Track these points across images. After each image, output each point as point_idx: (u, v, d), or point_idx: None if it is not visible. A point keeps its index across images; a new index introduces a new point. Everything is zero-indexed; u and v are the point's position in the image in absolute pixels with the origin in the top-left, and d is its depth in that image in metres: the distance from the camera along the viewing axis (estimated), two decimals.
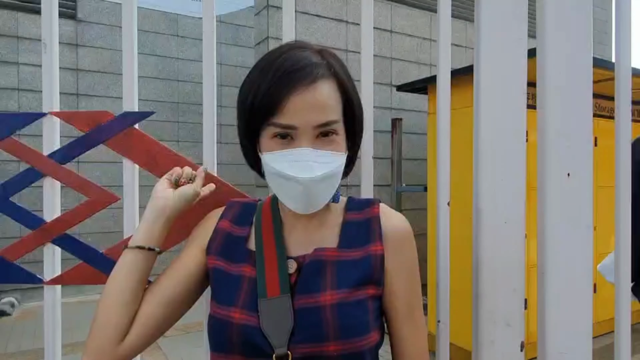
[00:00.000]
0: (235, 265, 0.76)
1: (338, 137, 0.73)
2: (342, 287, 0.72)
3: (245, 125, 0.74)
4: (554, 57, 0.99)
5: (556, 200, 0.98)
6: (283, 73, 0.69)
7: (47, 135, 0.98)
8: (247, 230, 0.80)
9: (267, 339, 0.69)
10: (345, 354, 0.69)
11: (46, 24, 0.98)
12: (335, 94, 0.73)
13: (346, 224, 0.79)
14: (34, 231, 0.98)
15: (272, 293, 0.71)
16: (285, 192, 0.73)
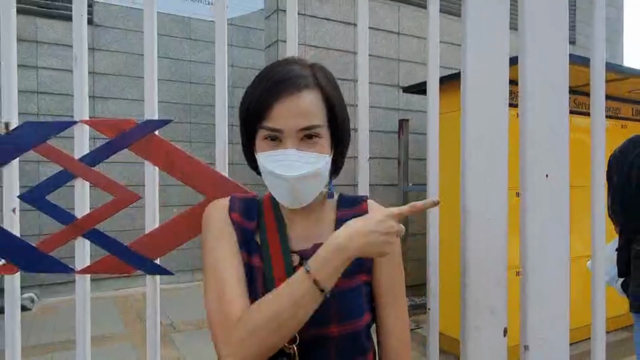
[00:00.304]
0: (249, 257, 0.85)
1: (321, 139, 0.82)
2: (342, 276, 0.80)
3: (244, 128, 0.85)
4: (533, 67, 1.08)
5: (536, 199, 1.07)
6: (272, 83, 0.80)
7: (77, 140, 1.10)
8: (254, 223, 0.88)
9: None
10: (345, 334, 0.80)
11: (77, 39, 1.10)
12: (319, 102, 0.82)
13: (339, 220, 0.89)
14: (66, 226, 1.10)
15: (280, 282, 0.79)
16: (276, 188, 0.83)
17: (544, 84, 1.08)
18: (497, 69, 1.08)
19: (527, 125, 1.08)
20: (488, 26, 1.08)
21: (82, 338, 1.12)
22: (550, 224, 1.08)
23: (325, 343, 0.81)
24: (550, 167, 1.07)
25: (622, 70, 3.96)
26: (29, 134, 1.09)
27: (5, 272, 1.09)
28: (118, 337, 4.32)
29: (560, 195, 1.07)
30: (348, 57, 4.97)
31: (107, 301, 5.53)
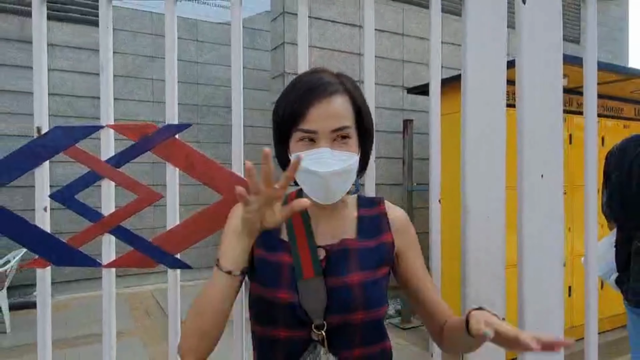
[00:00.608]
0: (273, 254, 0.91)
1: (351, 140, 0.90)
2: (365, 269, 0.90)
3: (279, 133, 0.93)
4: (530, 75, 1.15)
5: (532, 198, 1.15)
6: (305, 90, 0.88)
7: (104, 143, 1.18)
8: None
9: (306, 313, 0.85)
10: (368, 320, 0.88)
11: (103, 49, 1.18)
12: (348, 105, 0.90)
13: (360, 218, 0.97)
14: (94, 223, 1.18)
15: (308, 275, 0.87)
16: (310, 185, 0.89)
17: (540, 87, 1.15)
18: (495, 71, 1.16)
19: (525, 127, 1.15)
20: (487, 27, 1.15)
21: (108, 329, 1.21)
22: (546, 222, 1.15)
23: (351, 329, 0.87)
24: (545, 168, 1.15)
25: (625, 71, 4.02)
26: (59, 137, 1.17)
27: (37, 266, 1.18)
28: (129, 333, 4.42)
29: (555, 195, 1.14)
30: (353, 59, 5.05)
31: (118, 298, 5.60)
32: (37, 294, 1.19)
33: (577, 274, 3.94)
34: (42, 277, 1.19)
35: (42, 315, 1.19)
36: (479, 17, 1.16)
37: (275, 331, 0.87)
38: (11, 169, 1.17)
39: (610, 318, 4.27)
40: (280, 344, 0.87)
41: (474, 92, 1.16)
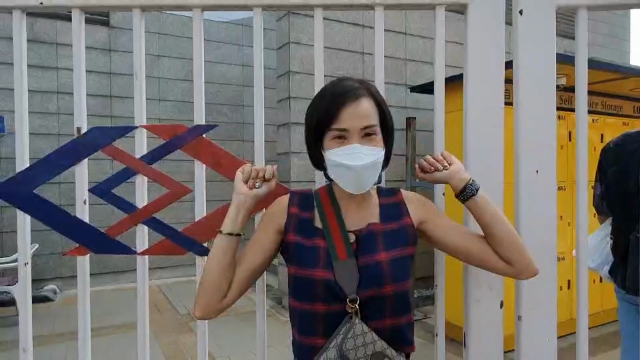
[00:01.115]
0: (309, 240, 1.05)
1: (377, 137, 1.04)
2: (390, 248, 1.03)
3: (313, 134, 1.06)
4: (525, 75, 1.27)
5: (527, 193, 1.26)
6: (337, 95, 1.02)
7: (138, 142, 1.30)
8: (311, 213, 1.10)
9: (341, 289, 0.98)
10: (397, 292, 1.01)
11: (137, 58, 1.29)
12: (373, 107, 1.04)
13: (382, 206, 1.12)
14: (129, 215, 1.30)
15: (342, 256, 1.01)
16: (343, 177, 1.04)
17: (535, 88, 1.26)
18: (494, 72, 1.27)
19: (520, 125, 1.26)
20: (487, 33, 1.26)
21: (142, 315, 1.32)
22: (540, 215, 1.26)
23: (382, 300, 1.00)
24: (540, 164, 1.26)
25: (624, 69, 4.12)
26: (97, 137, 1.29)
27: (78, 254, 1.30)
28: None
29: (549, 189, 1.26)
30: (356, 58, 5.15)
31: (126, 293, 5.76)
32: (78, 281, 1.30)
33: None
34: (82, 264, 1.31)
35: (82, 300, 1.31)
36: (479, 24, 1.27)
37: (314, 306, 1.00)
38: (53, 166, 1.29)
39: (611, 311, 4.39)
40: (319, 318, 1.00)
41: (475, 92, 1.28)
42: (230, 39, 6.94)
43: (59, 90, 5.87)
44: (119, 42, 6.22)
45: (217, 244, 1.05)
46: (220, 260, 1.03)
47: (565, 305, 3.96)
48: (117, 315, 4.71)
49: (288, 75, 4.91)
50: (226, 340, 4.10)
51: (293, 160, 4.84)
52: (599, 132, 4.50)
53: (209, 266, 1.04)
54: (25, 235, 1.30)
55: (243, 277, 1.06)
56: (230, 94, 6.89)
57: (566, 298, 3.91)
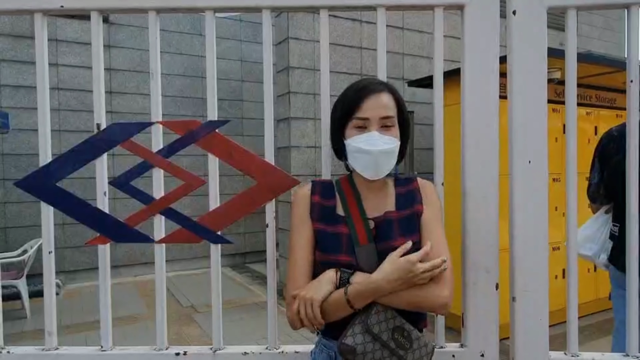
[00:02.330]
0: (332, 227, 1.14)
1: (394, 128, 1.14)
2: (405, 234, 1.13)
3: (338, 124, 1.16)
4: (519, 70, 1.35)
5: (521, 182, 1.35)
6: (360, 88, 1.14)
7: (154, 137, 1.38)
8: (333, 201, 1.19)
9: (363, 271, 1.08)
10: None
11: (153, 59, 1.37)
12: (391, 101, 1.15)
13: (398, 195, 1.21)
14: (147, 206, 1.38)
15: (363, 242, 1.11)
16: (361, 162, 1.13)
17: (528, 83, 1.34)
18: (489, 67, 1.35)
19: (514, 118, 1.35)
20: (482, 32, 1.34)
21: (160, 300, 1.40)
22: (533, 202, 1.35)
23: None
24: (533, 155, 1.34)
25: (617, 63, 4.20)
26: (116, 132, 1.36)
27: (99, 243, 1.38)
28: (142, 317, 4.64)
29: (540, 179, 1.34)
30: (354, 52, 5.22)
31: (128, 286, 5.85)
32: (99, 269, 1.39)
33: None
34: (102, 253, 1.39)
35: (103, 288, 1.39)
36: (475, 23, 1.35)
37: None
38: (75, 161, 1.37)
39: (604, 299, 4.50)
40: None
41: (472, 86, 1.36)
42: (229, 34, 6.98)
43: (60, 87, 5.92)
44: (118, 38, 6.26)
45: (339, 306, 1.07)
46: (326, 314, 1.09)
47: (561, 293, 4.08)
48: (120, 308, 4.80)
49: (287, 70, 4.98)
50: (228, 332, 4.19)
51: (293, 154, 4.92)
52: (592, 125, 4.60)
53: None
54: (49, 226, 1.38)
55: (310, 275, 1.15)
56: (229, 89, 6.95)
57: (562, 287, 4.05)
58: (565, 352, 1.38)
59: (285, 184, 1.38)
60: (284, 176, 1.38)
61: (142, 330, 4.21)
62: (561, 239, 4.01)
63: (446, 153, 1.44)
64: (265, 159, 1.39)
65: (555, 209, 4.12)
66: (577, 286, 1.39)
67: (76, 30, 6.00)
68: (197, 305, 5.00)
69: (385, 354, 1.06)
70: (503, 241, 1.37)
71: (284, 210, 4.99)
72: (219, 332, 1.41)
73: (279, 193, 1.38)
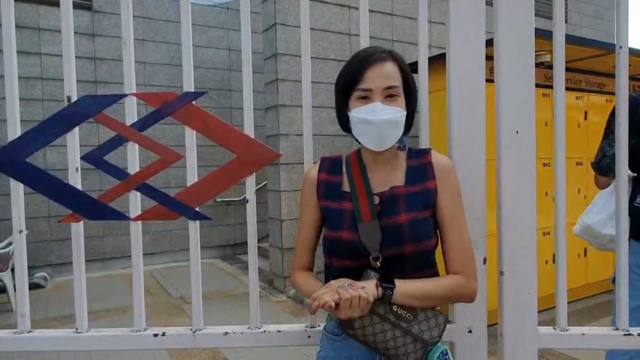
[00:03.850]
0: (337, 203, 1.13)
1: (399, 98, 1.09)
2: (411, 210, 1.08)
3: (341, 96, 1.12)
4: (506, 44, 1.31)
5: (509, 151, 1.31)
6: (363, 57, 1.09)
7: (128, 110, 1.32)
8: (339, 177, 1.17)
9: (365, 248, 1.06)
10: (418, 251, 1.07)
11: (125, 26, 1.31)
12: (396, 70, 1.09)
13: (409, 168, 1.15)
14: (121, 181, 1.32)
15: (366, 218, 1.08)
16: (365, 133, 1.10)
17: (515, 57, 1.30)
18: (475, 49, 1.31)
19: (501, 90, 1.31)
20: (468, 13, 1.30)
21: (137, 280, 1.35)
22: (520, 171, 1.32)
23: (403, 258, 1.07)
24: (519, 125, 1.31)
25: (606, 45, 4.18)
26: (88, 105, 1.30)
27: (72, 221, 1.32)
28: (130, 309, 4.58)
29: (528, 148, 1.31)
30: (343, 39, 5.15)
31: (116, 279, 5.78)
32: (72, 249, 1.33)
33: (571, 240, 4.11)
34: (76, 232, 1.33)
35: (78, 270, 1.34)
36: (461, 5, 1.30)
37: (343, 263, 1.09)
38: (45, 134, 1.30)
39: (595, 284, 4.52)
40: (347, 272, 1.07)
41: (457, 70, 1.32)
42: (217, 22, 6.88)
43: (43, 77, 5.80)
44: (103, 26, 6.14)
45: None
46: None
47: (552, 278, 4.10)
48: (108, 300, 4.73)
49: (275, 57, 4.90)
50: (217, 322, 4.15)
51: (281, 143, 4.86)
52: (582, 110, 4.58)
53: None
54: (19, 204, 1.32)
55: (313, 256, 1.22)
56: (217, 78, 6.85)
57: (553, 271, 4.04)
58: (554, 327, 1.35)
59: (266, 157, 1.33)
60: (264, 149, 1.33)
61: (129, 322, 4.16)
62: (552, 225, 4.02)
63: (434, 138, 1.40)
64: (244, 132, 1.34)
65: (545, 194, 4.12)
66: (566, 258, 1.36)
67: (59, 19, 5.84)
68: (186, 296, 4.95)
69: (386, 327, 1.04)
70: (492, 228, 1.34)
71: (289, 200, 4.94)
72: (199, 313, 1.37)
73: (260, 167, 1.33)
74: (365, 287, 0.98)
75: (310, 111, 1.37)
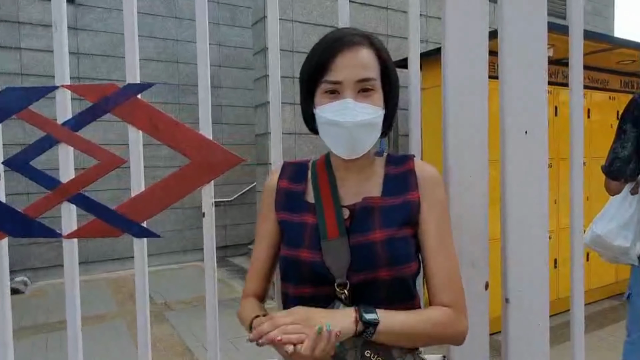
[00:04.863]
0: (298, 215, 0.92)
1: (376, 94, 0.88)
2: (388, 226, 0.87)
3: (305, 88, 0.91)
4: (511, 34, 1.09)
5: (515, 157, 1.10)
6: (331, 42, 0.87)
7: (60, 106, 1.10)
8: (303, 185, 0.96)
9: (330, 271, 0.85)
10: (394, 278, 0.85)
11: (56, 6, 1.08)
12: (373, 58, 0.88)
13: (387, 176, 0.95)
14: (51, 191, 1.10)
15: (332, 235, 0.87)
16: (333, 137, 0.89)
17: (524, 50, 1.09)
18: (476, 41, 1.10)
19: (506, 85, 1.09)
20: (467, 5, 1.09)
21: (73, 308, 1.14)
22: (529, 178, 1.10)
23: (376, 286, 0.85)
24: (529, 125, 1.09)
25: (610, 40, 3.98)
26: (10, 99, 1.08)
27: None
28: (111, 316, 4.36)
29: (539, 152, 1.09)
30: None
31: (99, 283, 5.55)
32: None
33: (563, 247, 3.97)
34: None
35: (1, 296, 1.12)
36: None
37: (301, 289, 0.88)
38: None
39: (598, 289, 4.33)
40: (307, 302, 0.85)
41: (455, 65, 1.10)
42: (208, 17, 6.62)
43: (23, 72, 5.55)
44: (86, 20, 5.89)
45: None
46: None
47: (551, 284, 3.93)
48: (88, 306, 4.51)
49: (264, 52, 4.68)
50: (201, 329, 3.93)
51: None
52: (585, 107, 4.38)
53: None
54: None
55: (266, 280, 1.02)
56: None
57: (552, 277, 3.88)
58: None
59: (226, 162, 1.11)
60: (224, 153, 1.11)
61: (109, 329, 3.94)
62: (553, 227, 3.85)
63: (427, 139, 1.18)
64: (201, 132, 1.12)
65: None
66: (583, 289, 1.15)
67: (40, 12, 5.62)
68: (170, 302, 4.73)
69: None
70: (494, 231, 1.12)
71: None
72: None
73: (218, 174, 1.11)
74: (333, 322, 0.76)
75: (279, 108, 1.16)
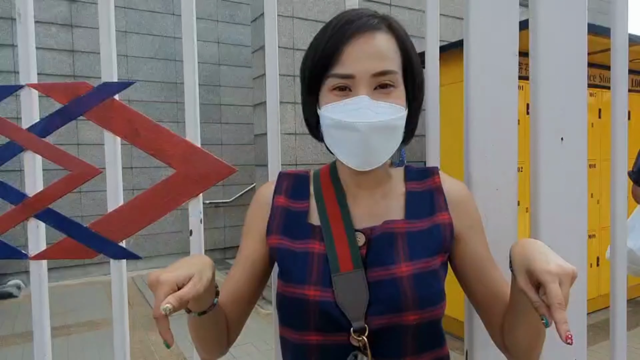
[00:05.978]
0: (300, 242, 0.74)
1: (397, 90, 0.71)
2: (416, 257, 0.71)
3: (307, 85, 0.74)
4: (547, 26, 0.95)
5: (550, 163, 0.95)
6: (341, 25, 0.69)
7: (25, 108, 0.96)
8: (305, 203, 0.79)
9: (343, 314, 0.68)
10: (423, 322, 0.70)
11: None
12: (393, 46, 0.71)
13: (409, 194, 0.78)
14: (16, 206, 0.96)
15: (345, 268, 0.70)
16: (343, 144, 0.71)
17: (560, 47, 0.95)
18: (504, 36, 0.95)
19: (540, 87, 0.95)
20: None
21: (40, 329, 1.00)
22: (566, 190, 0.96)
23: (400, 333, 0.70)
24: (566, 131, 0.95)
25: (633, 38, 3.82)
26: None
27: None
28: (105, 323, 4.23)
29: (578, 161, 0.95)
30: None
31: (96, 286, 5.42)
32: None
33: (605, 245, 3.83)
34: None
35: None
36: None
37: (307, 336, 0.71)
38: None
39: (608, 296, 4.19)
40: (313, 352, 0.71)
41: (479, 60, 0.96)
42: (205, 14, 6.48)
43: (17, 71, 5.39)
44: (82, 16, 5.75)
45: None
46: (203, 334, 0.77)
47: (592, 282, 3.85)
48: (83, 312, 4.38)
49: (264, 49, 4.54)
50: None
51: None
52: (596, 108, 4.23)
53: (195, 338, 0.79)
54: None
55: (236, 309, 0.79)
56: (205, 73, 6.46)
57: (593, 275, 3.85)
58: None
59: (217, 173, 0.97)
60: (214, 162, 0.97)
61: (103, 337, 3.80)
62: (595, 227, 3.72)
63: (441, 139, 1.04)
64: (187, 139, 0.98)
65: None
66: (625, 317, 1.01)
67: (34, 8, 5.46)
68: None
69: None
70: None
71: None
72: None
73: (207, 186, 0.97)
74: None
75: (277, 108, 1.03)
